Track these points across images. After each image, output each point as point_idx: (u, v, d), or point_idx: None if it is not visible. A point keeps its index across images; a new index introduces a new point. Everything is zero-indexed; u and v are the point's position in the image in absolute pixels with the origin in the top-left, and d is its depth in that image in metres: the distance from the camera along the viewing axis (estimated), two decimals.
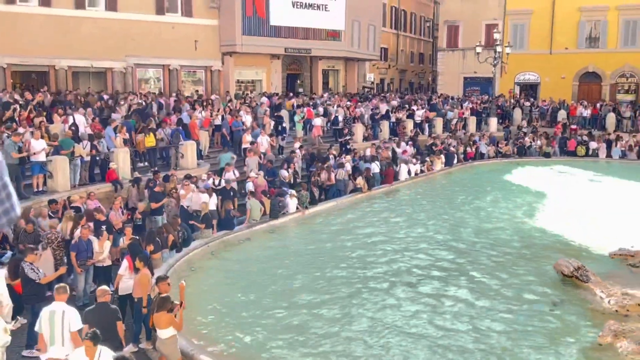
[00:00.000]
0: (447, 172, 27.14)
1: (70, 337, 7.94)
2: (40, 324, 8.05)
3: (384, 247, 15.37)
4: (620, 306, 10.65)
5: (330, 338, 10.00)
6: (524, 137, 31.77)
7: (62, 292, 8.22)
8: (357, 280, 12.85)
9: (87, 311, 8.60)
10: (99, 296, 8.67)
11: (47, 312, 8.09)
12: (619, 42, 40.82)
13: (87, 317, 8.32)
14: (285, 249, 15.51)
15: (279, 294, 11.99)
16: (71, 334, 7.97)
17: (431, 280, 12.90)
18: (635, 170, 27.88)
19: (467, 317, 10.86)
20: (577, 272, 12.12)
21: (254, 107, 26.58)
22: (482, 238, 16.35)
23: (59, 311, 8.04)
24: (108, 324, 8.39)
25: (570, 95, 41.26)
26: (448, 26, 46.84)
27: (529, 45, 43.13)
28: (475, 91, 45.00)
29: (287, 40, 33.93)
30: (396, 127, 30.51)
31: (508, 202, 21.26)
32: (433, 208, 20.47)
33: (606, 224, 17.38)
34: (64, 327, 7.95)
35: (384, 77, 51.08)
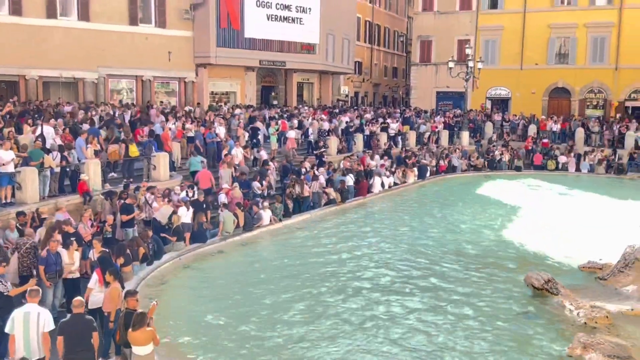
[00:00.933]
0: (420, 184, 27.38)
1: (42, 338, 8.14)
2: (13, 325, 8.12)
3: (357, 260, 15.38)
4: (589, 318, 10.81)
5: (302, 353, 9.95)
6: (494, 151, 32.26)
7: (35, 295, 8.39)
8: (331, 293, 12.82)
9: (63, 322, 8.46)
10: (75, 307, 8.52)
11: (20, 313, 8.20)
12: (588, 59, 41.76)
13: (63, 329, 8.25)
14: (258, 261, 15.42)
15: (252, 308, 11.88)
16: (43, 334, 8.15)
17: (402, 292, 12.93)
18: (603, 184, 28.50)
19: (437, 329, 10.90)
20: (547, 284, 12.27)
21: (228, 119, 26.48)
22: (453, 250, 16.46)
23: (33, 312, 8.19)
24: (84, 335, 8.29)
25: (541, 110, 42.02)
26: (421, 41, 47.42)
27: (500, 61, 43.87)
28: (447, 105, 45.53)
29: (262, 53, 34.00)
30: (370, 140, 30.69)
31: (479, 215, 21.48)
32: (405, 221, 20.57)
33: (576, 237, 17.65)
34: (39, 328, 8.14)
35: (358, 91, 51.46)
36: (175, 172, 20.68)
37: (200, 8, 31.09)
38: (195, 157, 20.87)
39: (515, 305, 12.09)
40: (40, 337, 8.15)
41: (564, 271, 14.36)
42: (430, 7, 46.54)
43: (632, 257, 13.12)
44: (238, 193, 18.57)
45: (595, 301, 11.72)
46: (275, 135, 26.53)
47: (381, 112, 38.45)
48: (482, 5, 44.25)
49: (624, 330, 10.59)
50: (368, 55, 52.06)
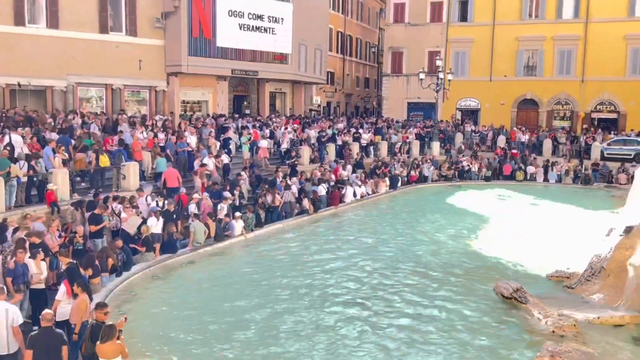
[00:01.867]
0: (392, 194, 27.56)
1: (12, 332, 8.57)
2: None
3: (328, 271, 15.37)
4: (557, 327, 10.96)
5: None
6: (462, 161, 32.69)
7: (1, 292, 8.81)
8: (301, 305, 12.78)
9: (32, 336, 8.28)
10: (45, 320, 8.35)
11: None
12: (555, 71, 42.68)
13: (32, 342, 8.10)
14: (229, 272, 15.30)
15: (223, 320, 11.78)
16: (13, 329, 8.58)
17: (373, 302, 12.96)
18: (570, 193, 29.05)
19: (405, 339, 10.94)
20: (516, 293, 12.42)
21: (200, 128, 26.32)
22: (423, 260, 16.58)
23: (1, 309, 8.58)
24: (53, 348, 8.16)
25: (510, 121, 42.73)
26: (392, 52, 47.89)
27: (470, 73, 44.55)
28: (418, 116, 46.02)
29: (234, 62, 33.92)
30: (342, 150, 30.82)
31: (450, 224, 21.66)
32: (377, 231, 20.65)
33: (544, 247, 17.93)
34: (8, 323, 8.55)
35: (331, 101, 51.65)
36: (146, 182, 20.46)
37: (172, 17, 30.92)
38: (162, 158, 20.68)
39: (485, 314, 12.21)
40: (10, 332, 8.52)
41: (533, 280, 14.55)
42: (401, 19, 47.08)
43: (599, 266, 13.38)
44: (208, 203, 18.44)
45: (563, 310, 11.89)
46: (248, 145, 26.47)
47: (354, 122, 38.67)
48: (452, 18, 44.93)
49: (591, 338, 10.76)
50: (340, 65, 52.36)
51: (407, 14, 46.68)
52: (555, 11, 42.16)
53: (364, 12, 56.77)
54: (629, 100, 40.73)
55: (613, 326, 11.36)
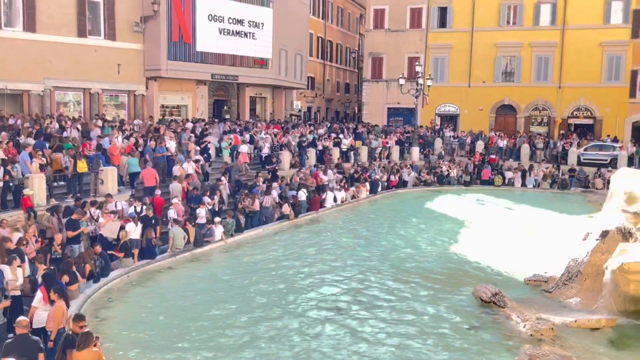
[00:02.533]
0: (372, 199, 27.65)
1: None
2: None
3: (308, 276, 15.36)
4: (535, 330, 11.06)
5: None
6: (441, 166, 32.93)
7: None
8: (282, 309, 12.75)
9: (8, 344, 8.15)
10: (21, 327, 8.22)
11: None
12: (533, 77, 43.22)
13: (8, 350, 7.95)
14: (208, 278, 15.19)
15: (202, 326, 11.70)
16: None
17: (353, 306, 12.99)
18: (548, 198, 29.39)
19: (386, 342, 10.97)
20: (494, 297, 12.53)
21: (179, 133, 26.15)
22: (402, 264, 16.64)
23: None
24: (30, 356, 8.01)
25: (488, 126, 43.15)
26: (372, 58, 48.12)
27: (449, 78, 44.93)
28: (398, 121, 46.26)
29: (214, 67, 33.81)
30: (323, 155, 30.85)
31: (429, 229, 21.80)
32: (357, 235, 20.69)
33: (522, 251, 18.08)
34: None
35: (311, 106, 51.71)
36: (124, 187, 20.27)
37: (151, 21, 30.74)
38: (134, 158, 20.52)
39: (464, 318, 12.29)
40: None
41: (511, 284, 14.68)
42: (381, 25, 47.34)
43: (576, 270, 13.56)
44: (181, 207, 18.24)
45: (541, 313, 12.02)
46: (228, 150, 26.35)
47: (334, 127, 38.77)
48: (432, 24, 45.30)
49: (568, 341, 10.88)
50: (321, 70, 52.48)
51: (387, 19, 46.96)
52: (532, 18, 42.73)
53: (344, 18, 57.01)
54: (604, 106, 41.40)
55: (590, 329, 11.50)
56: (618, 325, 11.58)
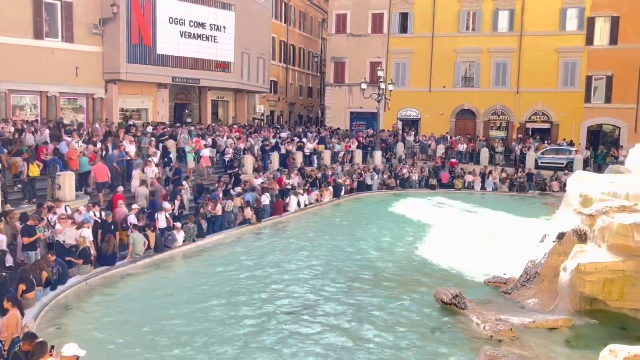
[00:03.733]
0: (335, 203, 27.73)
1: None
2: None
3: (271, 281, 15.28)
4: (494, 332, 11.24)
5: None
6: (402, 170, 33.28)
7: None
8: (243, 315, 12.65)
9: None
10: None
11: None
12: (491, 82, 44.05)
13: None
14: (169, 285, 14.97)
15: (162, 333, 11.51)
16: None
17: (315, 311, 12.97)
18: (506, 201, 29.99)
19: (347, 346, 10.99)
20: (455, 299, 12.67)
21: (139, 137, 25.75)
22: (365, 267, 16.72)
23: None
24: None
25: (449, 130, 43.78)
26: (335, 62, 48.33)
27: (410, 83, 45.43)
28: (361, 125, 46.54)
29: (175, 70, 33.47)
30: (286, 159, 30.81)
31: (391, 232, 21.96)
32: (319, 239, 20.71)
33: (482, 253, 18.39)
34: None
35: (274, 109, 51.64)
36: (82, 192, 19.84)
37: (110, 23, 30.26)
38: (84, 157, 20.14)
39: (425, 320, 12.40)
40: None
41: (471, 286, 14.88)
42: (343, 30, 47.59)
43: (533, 271, 13.82)
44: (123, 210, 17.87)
45: (500, 314, 12.21)
46: (192, 154, 26.07)
47: (297, 131, 38.79)
48: (393, 29, 45.76)
49: (526, 342, 11.07)
50: (283, 74, 52.45)
51: (349, 24, 47.24)
52: (491, 24, 43.57)
53: (306, 22, 57.13)
54: (561, 111, 42.46)
55: (548, 329, 11.72)
56: (574, 325, 11.84)
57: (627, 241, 11.62)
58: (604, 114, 41.81)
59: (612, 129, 42.45)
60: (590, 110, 41.86)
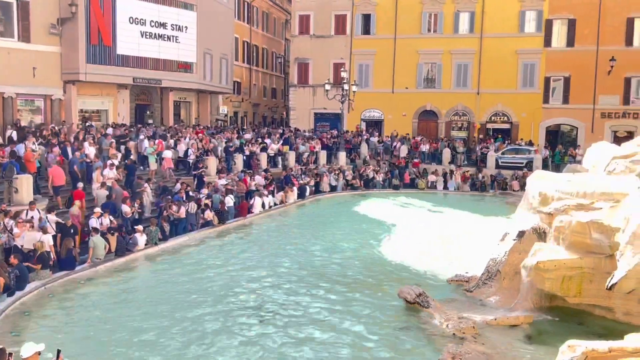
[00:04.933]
0: (300, 204, 27.72)
1: None
2: None
3: (235, 283, 15.17)
4: (457, 329, 11.38)
5: None
6: (365, 170, 33.47)
7: None
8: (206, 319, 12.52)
9: None
10: None
11: None
12: (453, 84, 44.65)
13: None
14: (131, 289, 14.73)
15: (123, 339, 11.31)
16: None
17: (279, 311, 12.95)
18: (468, 200, 30.44)
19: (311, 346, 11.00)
20: (418, 298, 12.79)
21: (99, 139, 25.28)
22: (329, 268, 16.75)
23: None
24: None
25: (411, 131, 44.21)
26: (298, 63, 48.31)
27: (373, 84, 45.72)
28: (325, 126, 46.61)
29: (136, 70, 32.96)
30: (250, 160, 30.64)
31: (356, 232, 22.05)
32: (284, 240, 20.66)
33: (444, 252, 18.61)
34: None
35: (238, 110, 51.33)
36: (40, 196, 19.38)
37: (69, 23, 29.61)
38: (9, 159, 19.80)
39: (389, 319, 12.49)
40: None
41: (435, 285, 15.05)
42: (306, 31, 47.60)
43: (495, 269, 14.06)
44: (75, 211, 17.56)
45: (463, 312, 12.37)
46: (154, 156, 25.71)
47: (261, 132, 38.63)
48: (356, 31, 45.98)
49: (488, 339, 11.24)
50: (247, 75, 52.19)
51: (312, 25, 47.28)
52: (452, 26, 44.16)
53: (269, 23, 56.96)
54: (520, 112, 43.31)
55: (509, 326, 11.91)
56: (535, 322, 12.06)
57: (584, 238, 11.89)
58: (562, 115, 42.83)
59: (569, 129, 43.50)
60: (548, 110, 42.83)
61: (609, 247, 11.41)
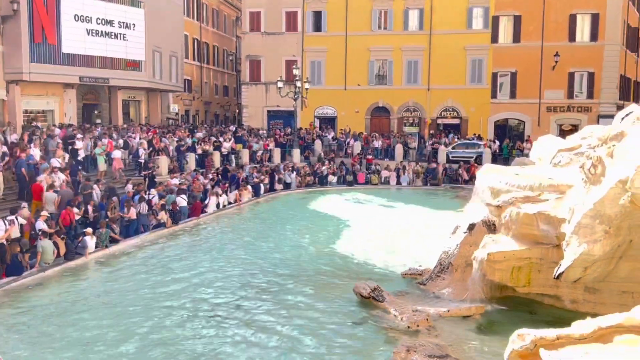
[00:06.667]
0: (255, 202, 27.56)
1: None
2: None
3: (189, 283, 14.97)
4: (412, 322, 11.53)
5: None
6: (321, 167, 33.57)
7: None
8: (160, 322, 12.33)
9: None
10: None
11: None
12: (404, 80, 45.21)
13: None
14: (81, 294, 14.32)
15: (74, 346, 11.01)
16: None
17: (234, 310, 12.86)
18: (421, 195, 30.87)
19: (268, 345, 10.97)
20: (373, 293, 12.90)
21: (45, 140, 24.54)
22: (284, 266, 16.71)
23: None
24: None
25: (364, 128, 44.56)
26: (250, 60, 48.02)
27: (326, 81, 45.86)
28: (279, 124, 46.52)
29: (82, 69, 32.19)
30: (204, 159, 30.30)
31: (311, 229, 22.08)
32: (237, 239, 20.51)
33: (399, 246, 18.85)
34: None
35: (189, 109, 50.69)
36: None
37: (10, 21, 28.65)
38: None
39: (344, 314, 12.55)
40: None
41: (389, 279, 15.20)
42: (257, 28, 47.34)
43: (447, 262, 14.30)
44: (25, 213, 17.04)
45: (417, 305, 12.54)
46: (103, 156, 25.11)
47: (214, 130, 38.26)
48: (307, 28, 46.02)
49: (442, 330, 11.44)
50: (198, 73, 51.56)
51: (263, 22, 47.06)
52: (402, 23, 44.70)
53: (220, 20, 56.41)
54: (469, 107, 44.21)
55: (462, 317, 12.15)
56: (486, 312, 12.33)
57: (532, 230, 12.19)
58: (510, 109, 43.92)
59: (517, 123, 44.66)
60: (496, 105, 43.85)
61: (556, 238, 11.73)
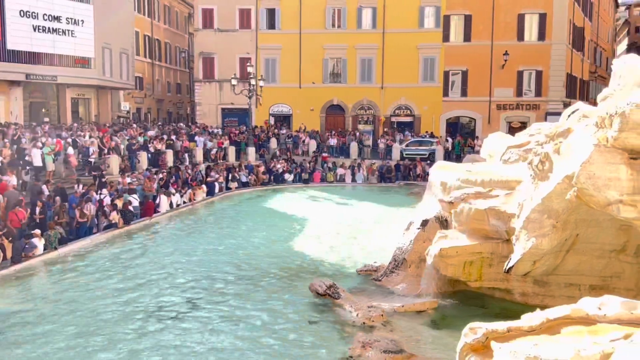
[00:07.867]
0: (209, 201, 27.28)
1: None
2: None
3: (142, 285, 14.70)
4: (367, 318, 11.62)
5: None
6: (275, 165, 33.52)
7: None
8: (116, 325, 12.07)
9: None
10: None
11: None
12: (358, 78, 45.50)
13: None
14: (30, 297, 13.91)
15: (24, 355, 10.67)
16: None
17: (191, 311, 12.71)
18: (376, 192, 31.18)
19: (225, 346, 10.89)
20: (329, 290, 12.95)
21: None
22: (240, 264, 16.60)
23: None
24: None
25: (319, 125, 44.65)
26: (203, 58, 47.46)
27: (280, 79, 45.75)
28: (233, 122, 46.15)
29: (28, 66, 31.21)
30: (157, 158, 29.78)
31: (266, 227, 22.00)
32: (191, 239, 20.23)
33: (354, 243, 18.98)
34: None
35: (141, 107, 49.81)
36: None
37: None
38: None
39: (300, 312, 12.55)
40: None
41: (345, 276, 15.29)
42: (210, 25, 46.81)
43: (401, 258, 14.48)
44: None
45: (372, 301, 12.65)
46: (51, 156, 24.40)
47: (167, 129, 37.68)
48: (261, 25, 45.80)
49: (397, 325, 11.57)
50: (149, 70, 50.69)
51: (216, 19, 46.54)
52: (355, 21, 44.96)
53: (171, 16, 55.58)
54: (422, 105, 44.84)
55: (416, 312, 12.32)
56: (440, 307, 12.54)
57: (483, 225, 12.47)
58: (461, 107, 44.76)
59: (468, 121, 45.53)
60: (448, 103, 44.61)
61: (506, 232, 12.03)
